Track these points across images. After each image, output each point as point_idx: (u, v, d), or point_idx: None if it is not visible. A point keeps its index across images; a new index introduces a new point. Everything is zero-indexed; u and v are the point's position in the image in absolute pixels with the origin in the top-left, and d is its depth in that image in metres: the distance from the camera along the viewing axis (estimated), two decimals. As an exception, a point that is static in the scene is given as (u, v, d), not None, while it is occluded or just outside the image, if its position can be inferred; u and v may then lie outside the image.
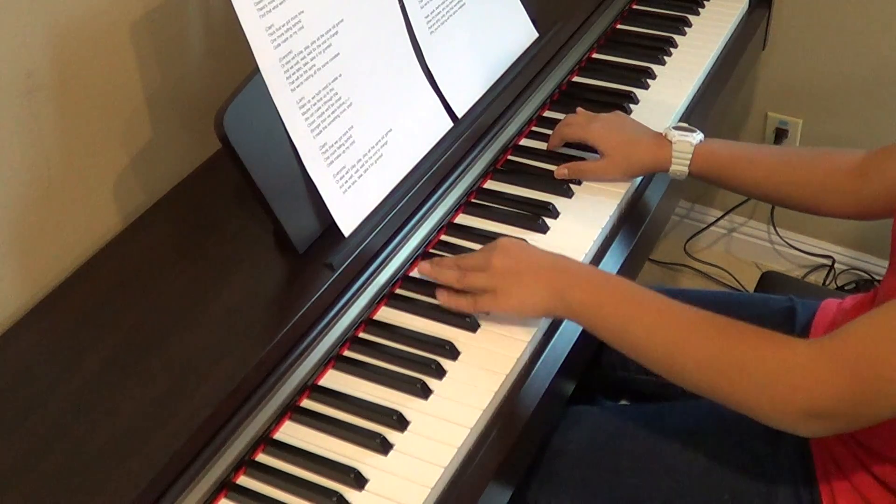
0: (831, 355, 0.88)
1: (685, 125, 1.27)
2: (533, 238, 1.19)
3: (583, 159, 1.30)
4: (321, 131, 1.08)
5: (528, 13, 1.39)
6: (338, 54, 1.11)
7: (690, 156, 1.23)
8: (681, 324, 0.98)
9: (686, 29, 1.59)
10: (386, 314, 1.12)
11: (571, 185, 1.28)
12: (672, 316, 0.99)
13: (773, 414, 0.92)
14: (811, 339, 0.91)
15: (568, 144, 1.33)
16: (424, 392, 1.02)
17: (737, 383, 0.93)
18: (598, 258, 1.20)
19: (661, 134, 1.27)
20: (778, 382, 0.90)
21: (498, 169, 1.32)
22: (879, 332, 0.86)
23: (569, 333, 1.12)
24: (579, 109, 1.34)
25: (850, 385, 0.86)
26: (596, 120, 1.30)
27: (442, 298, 1.10)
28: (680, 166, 1.24)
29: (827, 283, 2.16)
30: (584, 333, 1.12)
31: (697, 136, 1.24)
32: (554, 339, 1.10)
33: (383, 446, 0.97)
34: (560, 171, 1.28)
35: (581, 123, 1.30)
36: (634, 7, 1.65)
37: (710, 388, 0.95)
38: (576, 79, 1.49)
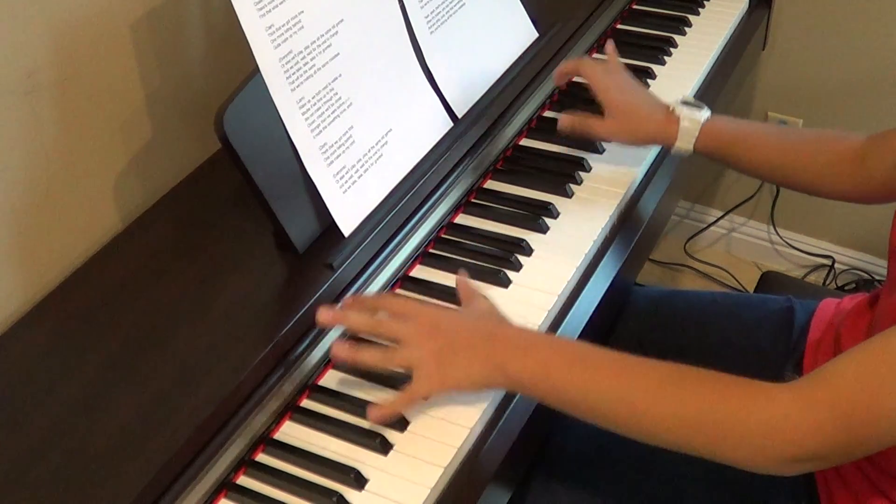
0: (814, 403, 0.83)
1: (693, 100, 1.26)
2: (533, 238, 1.20)
3: (581, 161, 1.30)
4: (321, 131, 1.08)
5: (528, 13, 1.39)
6: (338, 54, 1.11)
7: (696, 134, 1.23)
8: (645, 385, 0.90)
9: (686, 29, 1.59)
10: (386, 314, 1.12)
11: (571, 186, 1.28)
12: (633, 377, 0.91)
13: (757, 465, 0.87)
14: (793, 381, 0.86)
15: (566, 143, 1.33)
16: (424, 392, 1.02)
17: (716, 440, 0.87)
18: (597, 258, 1.20)
19: (669, 108, 1.25)
20: (760, 436, 0.85)
21: (498, 169, 1.32)
22: (863, 374, 0.83)
23: (569, 334, 1.12)
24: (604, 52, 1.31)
25: (836, 431, 0.83)
26: (612, 73, 1.28)
27: (374, 417, 0.97)
28: (685, 144, 1.23)
29: (827, 283, 2.16)
30: (583, 334, 1.12)
31: (705, 114, 1.23)
32: (557, 337, 1.10)
33: (383, 446, 0.97)
34: (564, 120, 1.26)
35: (598, 71, 1.28)
36: (634, 7, 1.65)
37: (686, 447, 0.89)
38: (576, 79, 1.48)
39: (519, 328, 1.01)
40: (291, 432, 1.01)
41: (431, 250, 1.20)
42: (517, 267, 1.16)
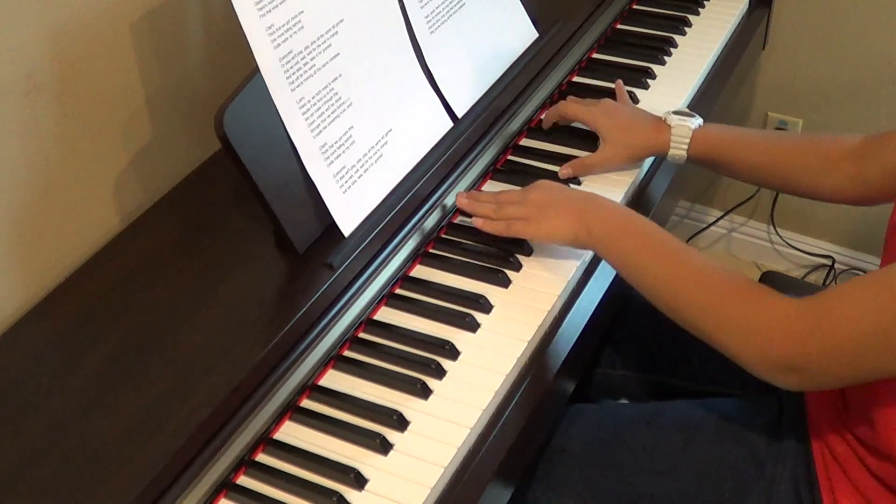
0: (806, 313, 0.92)
1: (685, 110, 1.29)
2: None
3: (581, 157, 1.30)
4: (321, 131, 1.08)
5: (528, 13, 1.39)
6: (338, 54, 1.11)
7: (689, 140, 1.25)
8: (685, 269, 1.03)
9: (686, 29, 1.59)
10: (386, 314, 1.12)
11: (572, 185, 1.28)
12: (679, 261, 1.04)
13: (752, 362, 0.97)
14: (801, 297, 0.95)
15: (567, 144, 1.33)
16: (424, 392, 1.02)
17: (724, 331, 0.98)
18: (597, 258, 1.20)
19: (660, 118, 1.28)
20: (757, 334, 0.95)
21: (498, 169, 1.32)
22: (849, 295, 0.91)
23: (568, 334, 1.12)
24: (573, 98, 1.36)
25: (817, 342, 0.91)
26: (596, 104, 1.32)
27: (478, 223, 1.17)
28: (678, 150, 1.26)
29: (827, 283, 2.16)
30: (583, 333, 1.12)
31: (696, 121, 1.26)
32: (554, 340, 1.10)
33: (383, 446, 0.97)
34: (564, 171, 1.28)
35: (582, 105, 1.32)
36: (634, 7, 1.65)
37: (702, 332, 1.00)
38: (576, 79, 1.49)
39: (610, 200, 1.16)
40: (291, 432, 1.01)
41: (431, 250, 1.20)
42: (517, 267, 1.16)
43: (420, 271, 1.17)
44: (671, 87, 1.46)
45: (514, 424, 1.02)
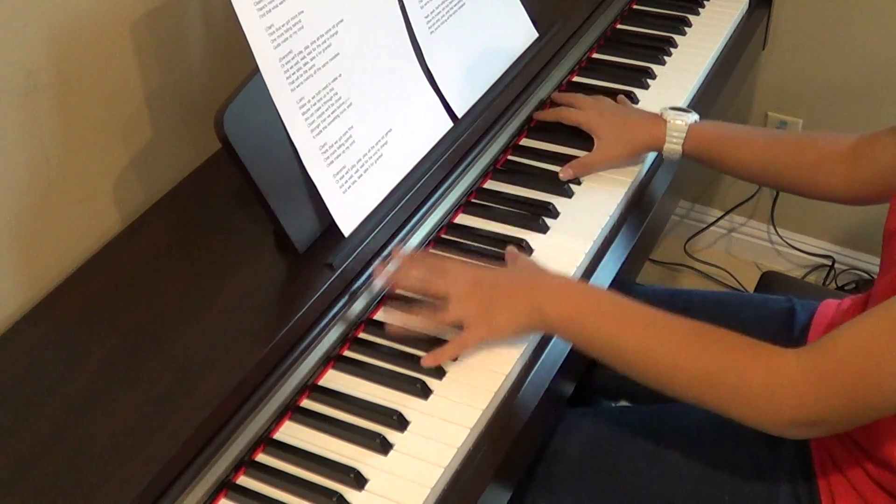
0: (817, 368, 0.88)
1: (681, 107, 1.29)
2: (533, 238, 1.20)
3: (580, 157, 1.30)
4: (321, 131, 1.08)
5: (528, 13, 1.39)
6: (338, 54, 1.11)
7: (684, 134, 1.25)
8: (669, 339, 0.96)
9: (686, 29, 1.58)
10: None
11: (571, 185, 1.28)
12: (659, 331, 0.97)
13: (766, 426, 0.93)
14: (800, 348, 0.91)
15: (567, 144, 1.33)
16: (424, 392, 1.02)
17: (726, 398, 0.94)
18: (598, 258, 1.20)
19: (657, 114, 1.29)
20: (765, 398, 0.91)
21: (498, 169, 1.32)
22: (864, 342, 0.86)
23: (569, 333, 1.12)
24: (579, 95, 1.36)
25: (837, 398, 0.87)
26: (591, 106, 1.33)
27: (428, 361, 1.04)
28: (674, 144, 1.26)
29: (827, 283, 2.16)
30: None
31: (693, 117, 1.27)
32: (553, 340, 1.10)
33: (383, 446, 0.97)
34: (564, 172, 1.28)
35: (578, 108, 1.33)
36: (634, 7, 1.65)
37: (701, 401, 0.96)
38: (576, 79, 1.49)
39: (557, 276, 1.08)
40: (291, 432, 1.01)
41: (431, 250, 1.20)
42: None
43: (420, 271, 1.17)
44: (671, 87, 1.46)
45: (514, 425, 1.02)
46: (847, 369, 0.86)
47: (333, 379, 1.06)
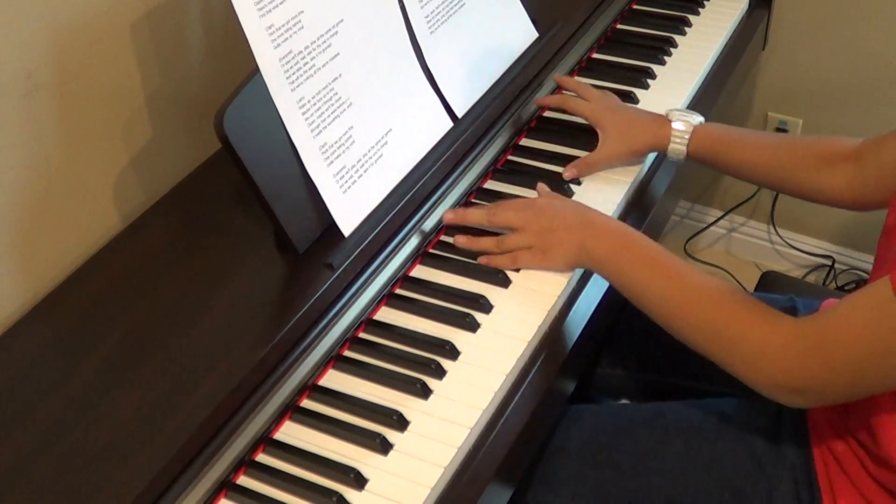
0: (806, 337, 0.93)
1: (686, 109, 1.30)
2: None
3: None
4: (321, 131, 1.08)
5: (528, 13, 1.39)
6: (338, 54, 1.11)
7: (689, 135, 1.25)
8: (686, 289, 1.03)
9: (686, 29, 1.59)
10: (386, 314, 1.12)
11: (572, 185, 1.28)
12: (680, 280, 1.04)
13: (756, 384, 0.98)
14: (799, 318, 0.96)
15: (567, 144, 1.33)
16: (424, 392, 1.02)
17: (725, 353, 0.99)
18: (598, 258, 1.20)
19: (661, 115, 1.29)
20: (758, 359, 0.96)
21: (498, 169, 1.32)
22: (847, 316, 0.91)
23: (569, 334, 1.12)
24: (588, 86, 1.37)
25: (820, 369, 0.92)
26: (599, 99, 1.33)
27: (482, 259, 1.16)
28: (678, 145, 1.26)
29: (827, 283, 2.16)
30: (583, 333, 1.12)
31: (698, 118, 1.27)
32: (554, 339, 1.10)
33: (383, 446, 0.97)
34: (568, 172, 1.28)
35: (585, 99, 1.33)
36: (634, 7, 1.65)
37: (704, 351, 1.01)
38: (576, 78, 1.48)
39: (603, 215, 1.15)
40: (291, 432, 1.01)
41: (431, 250, 1.20)
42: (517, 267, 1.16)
43: (420, 271, 1.17)
44: (671, 87, 1.46)
45: (514, 424, 1.02)
46: (836, 349, 0.90)
47: (333, 379, 1.06)
